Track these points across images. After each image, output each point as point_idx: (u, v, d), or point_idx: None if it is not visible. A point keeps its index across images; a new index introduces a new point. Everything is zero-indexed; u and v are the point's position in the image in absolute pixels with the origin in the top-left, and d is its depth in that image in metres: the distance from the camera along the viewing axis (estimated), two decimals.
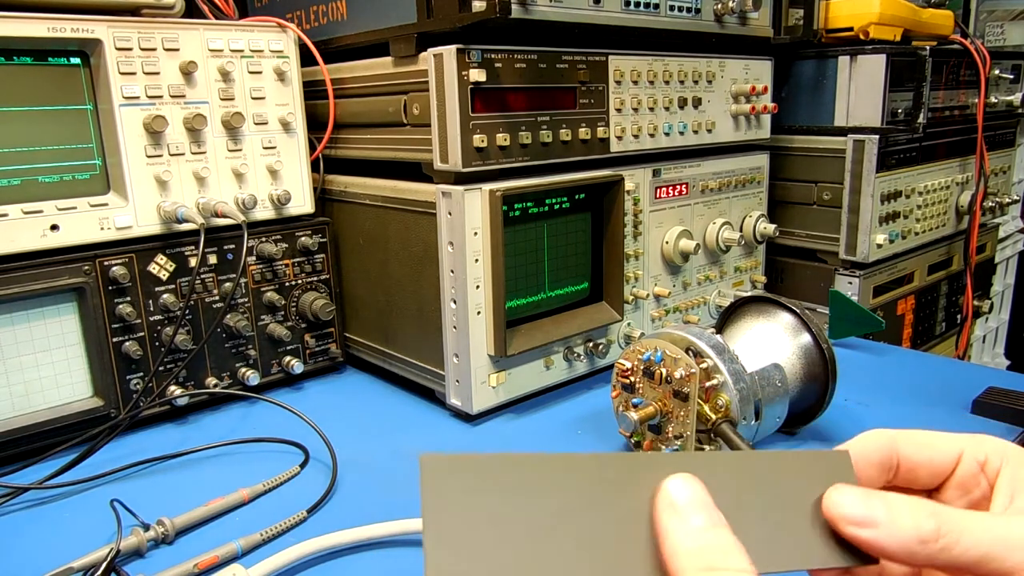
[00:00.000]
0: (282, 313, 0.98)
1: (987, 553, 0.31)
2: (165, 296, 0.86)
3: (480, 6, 0.76)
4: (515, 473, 0.31)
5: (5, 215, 0.77)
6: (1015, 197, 1.64)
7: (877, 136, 1.13)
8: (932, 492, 0.38)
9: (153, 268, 0.86)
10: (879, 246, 1.19)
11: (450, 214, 0.82)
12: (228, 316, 0.92)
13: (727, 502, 0.32)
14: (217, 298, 0.91)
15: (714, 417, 0.68)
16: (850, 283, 1.20)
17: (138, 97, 0.83)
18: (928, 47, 1.20)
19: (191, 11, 0.94)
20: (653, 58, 0.96)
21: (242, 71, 0.90)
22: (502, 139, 0.82)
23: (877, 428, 0.37)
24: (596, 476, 0.32)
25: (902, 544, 0.32)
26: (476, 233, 0.82)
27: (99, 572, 0.58)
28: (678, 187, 1.03)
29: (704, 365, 0.69)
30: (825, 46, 1.19)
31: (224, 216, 0.87)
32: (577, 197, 0.92)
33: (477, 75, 0.78)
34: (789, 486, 0.34)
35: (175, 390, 0.87)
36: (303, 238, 0.98)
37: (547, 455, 0.32)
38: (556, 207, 0.90)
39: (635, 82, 0.94)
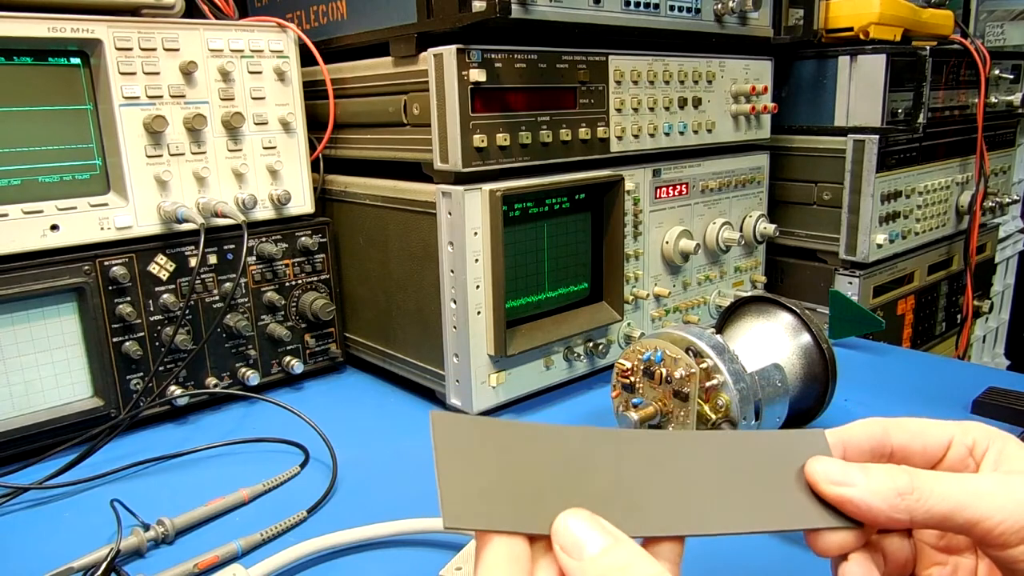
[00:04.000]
0: (282, 313, 0.98)
1: (960, 502, 0.34)
2: (165, 296, 0.86)
3: (480, 6, 0.76)
4: (511, 433, 0.35)
5: (5, 215, 0.77)
6: (1015, 197, 1.64)
7: (877, 136, 1.13)
8: None
9: (153, 268, 0.86)
10: (879, 246, 1.19)
11: (450, 214, 0.82)
12: (228, 316, 0.92)
13: (713, 472, 0.36)
14: (217, 298, 0.91)
15: (714, 417, 0.68)
16: (850, 283, 1.20)
17: (138, 97, 0.83)
18: (928, 47, 1.20)
19: (191, 11, 0.94)
20: (653, 58, 0.96)
21: (242, 71, 0.90)
22: (502, 139, 0.82)
23: (871, 417, 0.40)
24: (583, 443, 0.36)
25: (882, 497, 0.34)
26: (476, 233, 0.82)
27: (99, 572, 0.58)
28: (678, 187, 1.03)
29: (704, 365, 0.69)
30: (825, 46, 1.19)
31: (224, 216, 0.87)
32: (577, 197, 0.92)
33: (477, 75, 0.78)
34: (769, 459, 0.38)
35: (175, 390, 0.87)
36: (303, 238, 0.98)
37: (540, 425, 0.36)
38: (556, 207, 0.90)
39: (635, 82, 0.94)
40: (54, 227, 0.80)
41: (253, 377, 0.94)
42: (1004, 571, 0.35)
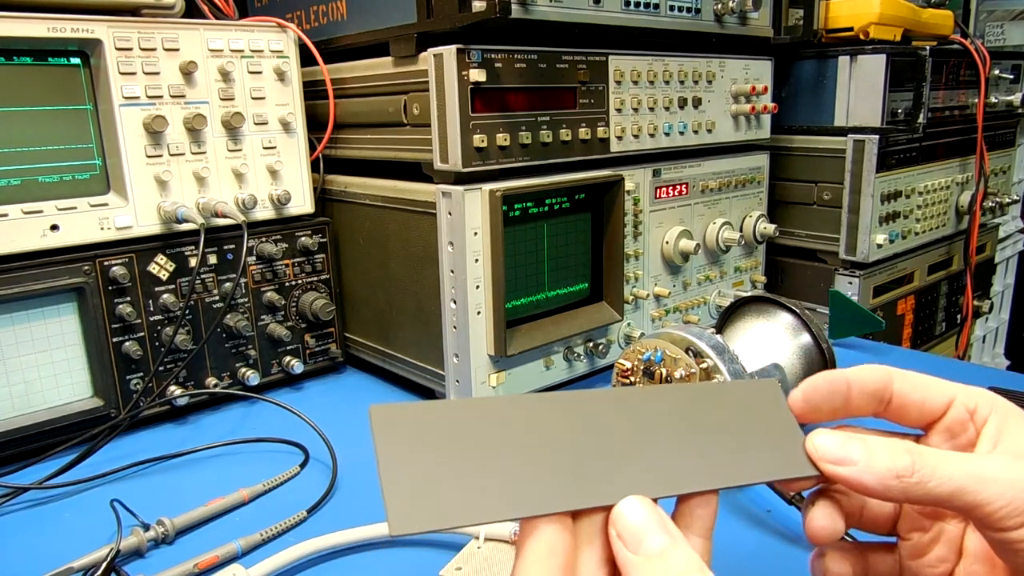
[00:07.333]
0: (282, 313, 0.98)
1: (961, 486, 0.33)
2: (165, 296, 0.86)
3: (480, 6, 0.76)
4: (458, 414, 0.33)
5: (5, 215, 0.77)
6: (1015, 197, 1.64)
7: (877, 136, 1.13)
8: (919, 438, 0.39)
9: (153, 268, 0.86)
10: (879, 246, 1.19)
11: (450, 214, 0.82)
12: (228, 316, 0.92)
13: (674, 427, 0.36)
14: (217, 298, 0.91)
15: None
16: (850, 283, 1.20)
17: (138, 97, 0.83)
18: (928, 47, 1.20)
19: (191, 11, 0.94)
20: (653, 58, 0.96)
21: (242, 71, 0.90)
22: (502, 139, 0.82)
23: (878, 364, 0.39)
24: (544, 410, 0.34)
25: (879, 479, 0.34)
26: (476, 233, 0.82)
27: (99, 572, 0.58)
28: (678, 187, 1.03)
29: (704, 365, 0.69)
30: (825, 46, 1.19)
31: (224, 216, 0.87)
32: (577, 197, 0.92)
33: (477, 75, 0.78)
34: (729, 411, 0.38)
35: (175, 390, 0.87)
36: (303, 238, 0.98)
37: (486, 398, 0.35)
38: (556, 207, 0.90)
39: (635, 82, 0.94)
40: (54, 227, 0.80)
41: (253, 377, 0.94)
42: (998, 549, 0.35)
